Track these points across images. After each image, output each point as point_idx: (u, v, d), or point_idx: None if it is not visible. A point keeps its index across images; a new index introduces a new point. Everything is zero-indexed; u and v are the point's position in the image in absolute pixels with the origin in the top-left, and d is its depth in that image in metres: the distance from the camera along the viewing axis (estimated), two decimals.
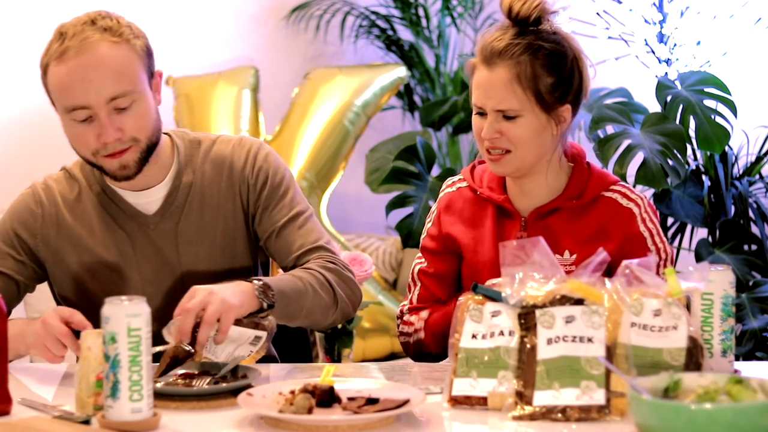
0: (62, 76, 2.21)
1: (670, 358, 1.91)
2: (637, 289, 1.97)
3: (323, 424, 1.85)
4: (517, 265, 2.01)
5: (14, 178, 4.01)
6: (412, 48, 4.91)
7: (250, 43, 4.87)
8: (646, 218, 2.38)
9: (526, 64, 2.30)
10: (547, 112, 2.32)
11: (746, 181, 4.11)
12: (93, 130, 2.22)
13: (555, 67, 2.32)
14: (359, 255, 3.48)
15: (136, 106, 2.23)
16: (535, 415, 1.88)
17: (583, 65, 2.37)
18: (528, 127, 2.31)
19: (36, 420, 1.88)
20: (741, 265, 3.91)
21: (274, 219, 2.37)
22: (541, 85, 2.30)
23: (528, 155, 2.34)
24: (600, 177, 2.42)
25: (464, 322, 2.02)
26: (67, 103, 2.22)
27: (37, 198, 2.38)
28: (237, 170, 2.38)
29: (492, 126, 2.32)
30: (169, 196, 2.35)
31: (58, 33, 2.24)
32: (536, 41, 2.32)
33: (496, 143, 2.33)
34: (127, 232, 2.35)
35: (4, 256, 2.36)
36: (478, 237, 2.42)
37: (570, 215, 2.38)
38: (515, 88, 2.30)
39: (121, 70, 2.21)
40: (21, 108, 4.22)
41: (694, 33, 4.17)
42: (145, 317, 1.83)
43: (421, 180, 4.01)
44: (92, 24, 2.23)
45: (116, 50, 2.22)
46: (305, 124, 4.56)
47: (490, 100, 2.32)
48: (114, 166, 2.26)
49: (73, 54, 2.20)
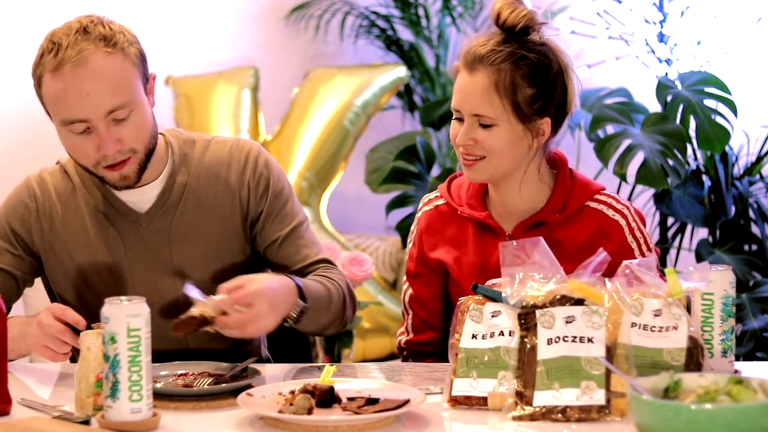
0: (59, 90, 2.19)
1: (671, 359, 1.91)
2: (637, 289, 1.97)
3: (323, 425, 1.85)
4: (517, 265, 2.01)
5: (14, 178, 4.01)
6: (412, 48, 4.90)
7: (249, 43, 4.87)
8: (634, 227, 2.35)
9: (506, 72, 2.27)
10: (524, 123, 2.28)
11: (746, 181, 4.11)
12: (92, 141, 2.21)
13: (536, 78, 2.28)
14: (359, 255, 3.49)
15: (133, 115, 2.21)
16: (535, 416, 1.88)
17: (568, 79, 2.32)
18: (503, 136, 2.28)
19: (36, 420, 1.88)
20: (741, 265, 3.91)
21: (276, 229, 2.38)
22: (519, 95, 2.27)
23: (501, 164, 2.31)
24: (583, 186, 2.37)
25: (464, 322, 2.02)
26: (64, 116, 2.21)
27: (32, 192, 2.37)
28: (237, 172, 2.38)
29: (467, 133, 2.30)
30: (162, 194, 2.35)
31: (49, 42, 2.20)
32: (520, 50, 2.28)
33: (470, 150, 2.31)
34: (119, 229, 2.34)
35: (2, 251, 2.35)
36: (462, 256, 2.39)
37: (555, 228, 2.34)
38: (492, 95, 2.27)
39: (119, 82, 2.19)
40: (21, 108, 4.22)
41: (695, 33, 4.17)
42: (145, 317, 1.83)
43: (421, 180, 4.01)
44: (85, 33, 2.19)
45: (112, 61, 2.19)
46: (305, 124, 4.56)
47: (467, 104, 2.29)
48: (115, 178, 2.26)
49: (70, 68, 2.17)
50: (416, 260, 2.45)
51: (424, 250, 2.43)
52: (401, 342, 2.48)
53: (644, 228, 2.37)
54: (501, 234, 2.36)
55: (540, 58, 2.29)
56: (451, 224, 2.42)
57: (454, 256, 2.40)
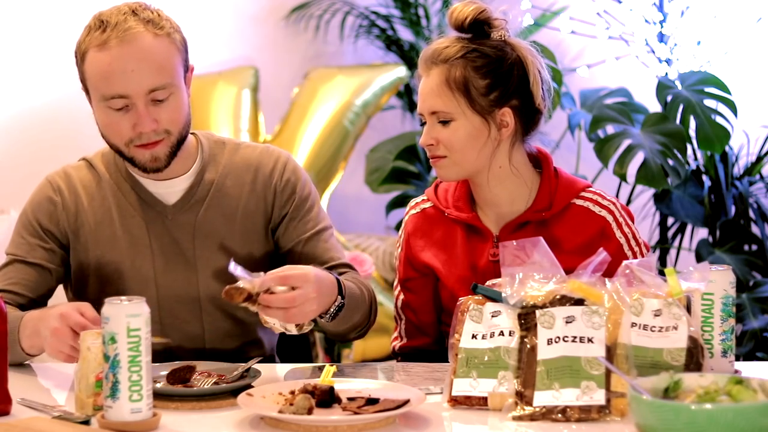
0: (104, 65, 2.24)
1: (671, 359, 1.91)
2: (637, 289, 1.97)
3: (323, 425, 1.85)
4: (517, 265, 2.01)
5: (14, 178, 4.01)
6: (412, 48, 4.91)
7: (250, 43, 4.88)
8: (622, 222, 2.35)
9: (457, 66, 2.28)
10: (482, 115, 2.29)
11: (747, 181, 4.11)
12: (129, 119, 2.26)
13: (489, 69, 2.29)
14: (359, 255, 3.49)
15: (172, 99, 2.26)
16: (535, 416, 1.88)
17: (528, 69, 2.30)
18: (461, 131, 2.29)
19: (36, 420, 1.88)
20: (741, 265, 3.92)
21: (300, 230, 2.41)
22: (471, 87, 2.28)
23: (464, 159, 2.31)
24: (568, 184, 2.37)
25: (464, 322, 2.02)
26: (105, 91, 2.25)
27: (56, 186, 2.41)
28: (264, 176, 2.42)
29: (428, 133, 2.32)
30: (190, 189, 2.39)
31: (97, 20, 2.26)
32: (471, 44, 2.30)
33: (432, 150, 2.32)
34: (144, 220, 2.38)
35: (33, 247, 2.38)
36: (450, 259, 2.39)
37: (542, 228, 2.34)
38: (445, 90, 2.28)
39: (162, 63, 2.24)
40: (21, 108, 4.22)
41: (695, 33, 4.17)
42: (145, 317, 1.83)
43: (421, 180, 4.01)
44: (134, 14, 2.26)
45: (158, 43, 2.25)
46: (305, 124, 4.56)
47: (425, 104, 2.31)
48: (146, 158, 2.29)
49: (116, 43, 2.23)
50: (405, 264, 2.45)
51: (412, 252, 2.43)
52: (395, 347, 2.48)
53: (632, 223, 2.37)
54: (488, 235, 2.36)
55: (492, 50, 2.30)
56: (439, 227, 2.42)
57: (441, 259, 2.40)
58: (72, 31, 2.63)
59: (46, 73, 4.22)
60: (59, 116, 4.23)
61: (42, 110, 4.20)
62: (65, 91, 4.18)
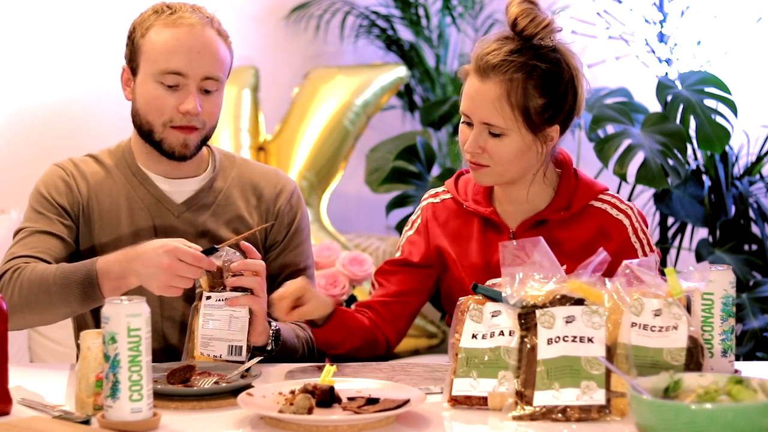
0: (169, 39, 2.33)
1: (671, 358, 1.91)
2: (637, 289, 1.97)
3: (323, 424, 1.85)
4: (517, 265, 2.01)
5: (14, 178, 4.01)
6: (412, 48, 4.90)
7: (250, 43, 4.87)
8: (638, 228, 2.37)
9: (518, 82, 2.26)
10: (534, 132, 2.29)
11: (747, 180, 4.11)
12: (176, 98, 2.33)
13: (548, 89, 2.27)
14: (359, 255, 3.49)
15: (216, 94, 2.38)
16: (535, 415, 1.88)
17: (579, 84, 2.31)
18: (512, 146, 2.29)
19: (36, 420, 1.88)
20: (741, 265, 3.91)
21: (286, 261, 2.48)
22: (531, 105, 2.27)
23: (507, 172, 2.32)
24: (587, 186, 2.39)
25: (464, 321, 2.02)
26: (164, 66, 2.33)
27: (67, 170, 2.44)
28: (270, 196, 2.49)
29: (476, 140, 2.30)
30: (200, 191, 2.44)
31: (164, 6, 2.39)
32: (533, 60, 2.26)
33: (476, 158, 2.31)
34: (152, 214, 2.41)
35: (53, 222, 2.39)
36: (464, 251, 2.40)
37: (559, 227, 2.36)
38: (503, 105, 2.26)
39: (222, 59, 2.38)
40: (21, 107, 4.22)
41: (695, 32, 4.17)
42: (145, 317, 1.83)
43: (421, 180, 4.01)
44: (200, 12, 2.39)
45: (219, 41, 2.39)
46: (305, 124, 4.56)
47: (477, 111, 2.29)
48: (179, 140, 2.35)
49: (187, 25, 2.35)
50: (413, 244, 2.45)
51: (430, 235, 2.44)
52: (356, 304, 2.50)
53: (647, 229, 2.38)
54: (505, 230, 2.37)
55: (552, 67, 2.28)
56: (456, 219, 2.43)
57: (455, 251, 2.41)
58: (72, 30, 2.66)
59: (45, 73, 4.21)
60: (59, 116, 4.22)
61: (42, 110, 4.20)
62: (65, 91, 4.18)
